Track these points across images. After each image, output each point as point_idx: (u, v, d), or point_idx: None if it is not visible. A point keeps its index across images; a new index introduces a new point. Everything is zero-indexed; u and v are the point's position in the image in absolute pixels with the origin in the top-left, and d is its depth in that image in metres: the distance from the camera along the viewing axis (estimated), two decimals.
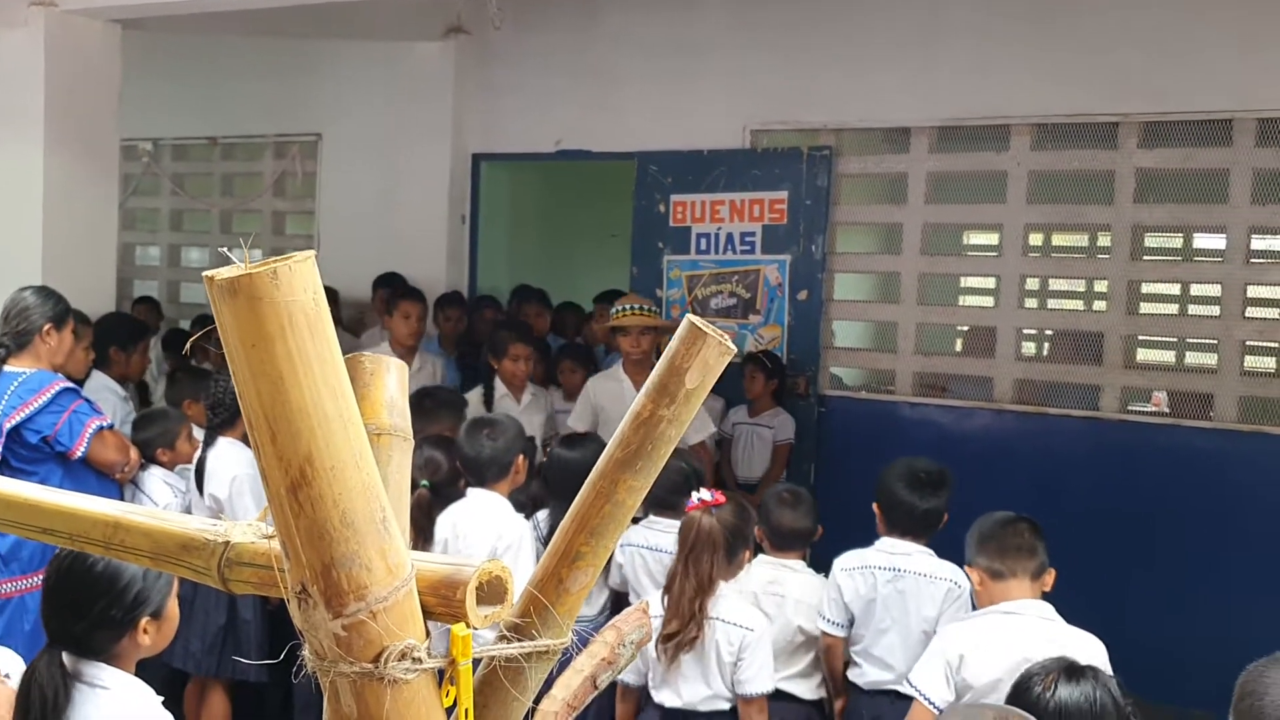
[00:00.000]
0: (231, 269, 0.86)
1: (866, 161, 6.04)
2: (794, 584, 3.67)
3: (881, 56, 5.84)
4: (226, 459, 4.15)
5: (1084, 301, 7.64)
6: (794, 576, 3.69)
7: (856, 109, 5.92)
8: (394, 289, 6.29)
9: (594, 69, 6.57)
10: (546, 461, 3.92)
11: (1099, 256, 6.59)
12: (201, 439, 4.35)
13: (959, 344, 6.35)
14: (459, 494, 3.81)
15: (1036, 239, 6.66)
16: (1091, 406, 5.50)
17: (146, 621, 2.16)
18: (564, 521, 1.07)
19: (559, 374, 5.94)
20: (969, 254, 7.45)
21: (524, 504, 3.90)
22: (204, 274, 0.88)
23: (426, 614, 0.97)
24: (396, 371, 1.17)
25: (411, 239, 7.04)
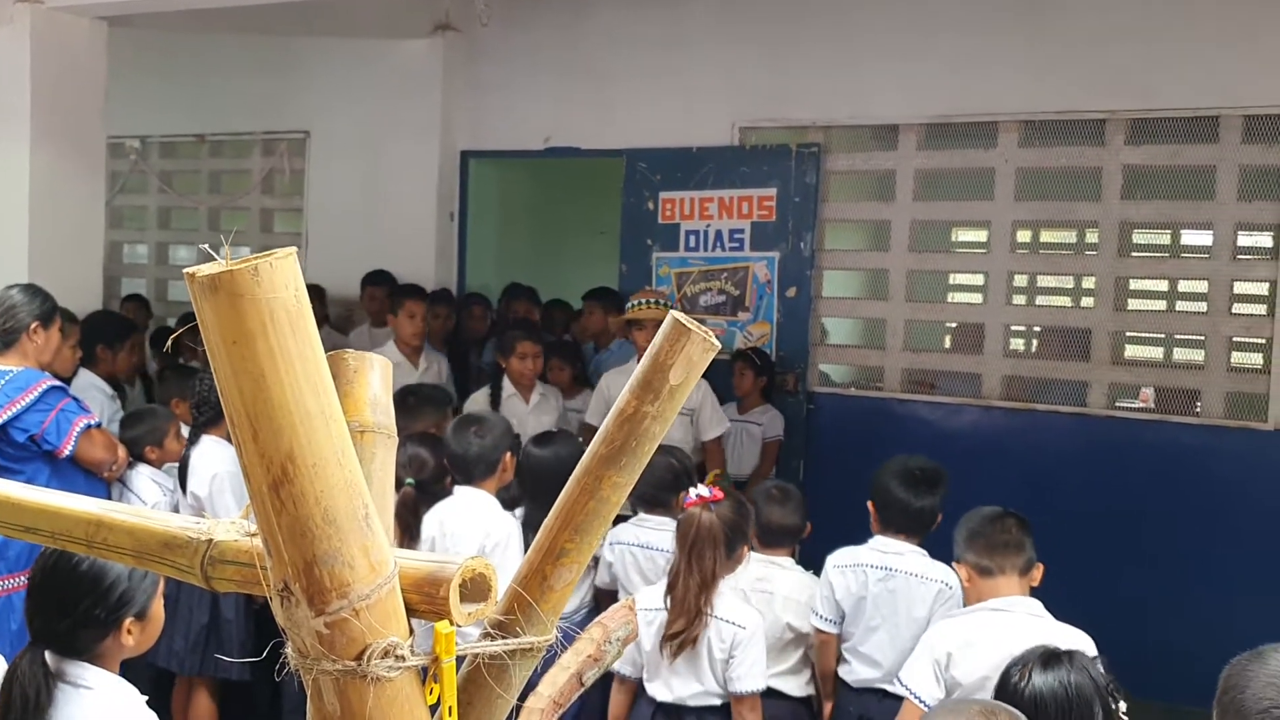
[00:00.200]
0: (212, 265, 0.86)
1: (855, 159, 6.04)
2: (783, 581, 3.67)
3: (870, 54, 5.85)
4: (209, 457, 4.14)
5: (1072, 298, 7.65)
6: (783, 574, 3.69)
7: (845, 106, 5.93)
8: (398, 288, 6.21)
9: (583, 66, 6.57)
10: (520, 460, 3.90)
11: (1087, 253, 6.60)
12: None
13: (947, 340, 6.36)
14: (445, 492, 3.80)
15: (1024, 236, 6.68)
16: (1079, 403, 5.51)
17: (131, 622, 2.15)
18: (548, 518, 1.07)
19: (548, 372, 5.92)
20: (957, 251, 7.46)
21: (508, 502, 3.89)
22: (185, 270, 0.88)
23: (410, 611, 0.97)
24: (380, 369, 1.17)
25: (400, 236, 7.03)
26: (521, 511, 3.85)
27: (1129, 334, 5.90)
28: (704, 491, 3.32)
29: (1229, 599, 4.89)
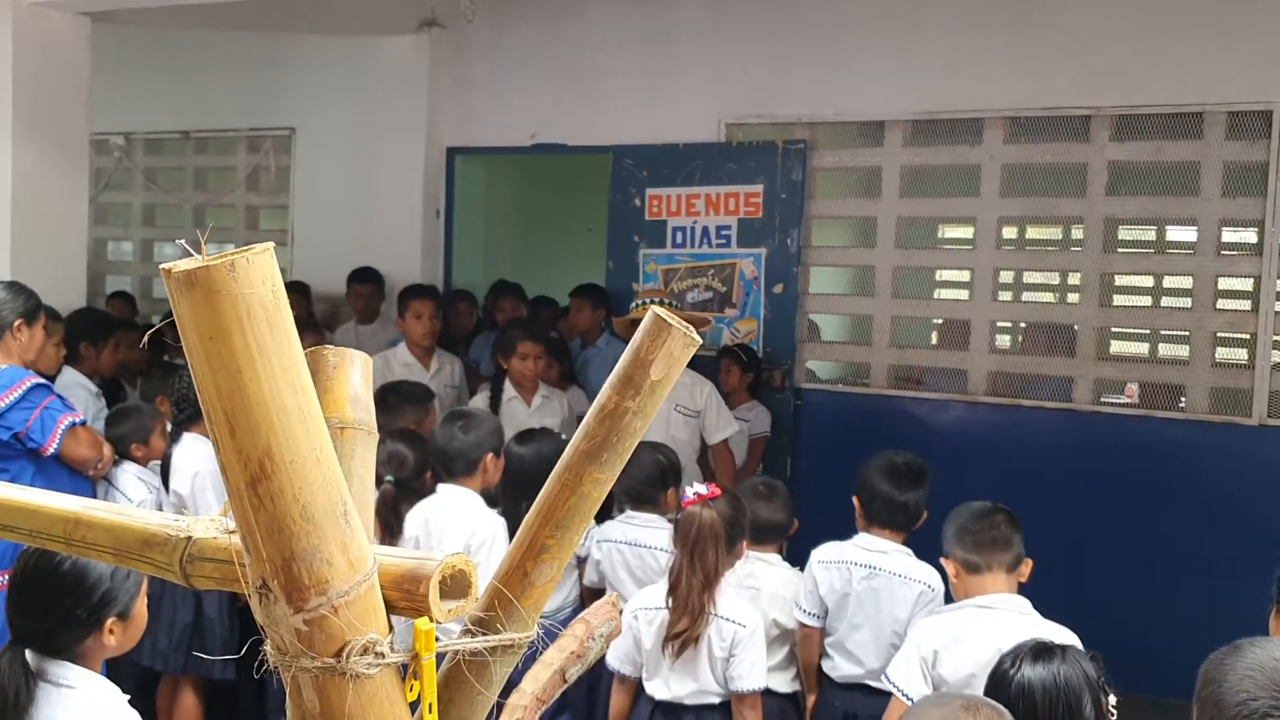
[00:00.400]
0: (189, 261, 0.85)
1: (841, 155, 6.05)
2: (769, 577, 3.67)
3: (856, 51, 5.85)
4: (190, 455, 4.12)
5: (1057, 294, 7.67)
6: (769, 570, 3.69)
7: (831, 103, 5.93)
8: (404, 290, 6.12)
9: (569, 62, 6.56)
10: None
11: (1072, 249, 6.62)
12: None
13: (934, 337, 6.37)
14: (425, 489, 3.78)
15: (1010, 232, 6.69)
16: (1065, 398, 5.53)
17: (113, 622, 2.14)
18: (529, 515, 1.07)
19: None
20: (943, 247, 7.47)
21: (488, 500, 3.87)
22: (161, 267, 0.87)
23: (390, 608, 0.96)
24: (360, 365, 1.16)
25: (386, 233, 7.01)
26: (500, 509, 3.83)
27: (1114, 330, 5.92)
28: (701, 489, 3.32)
29: (1214, 593, 4.91)
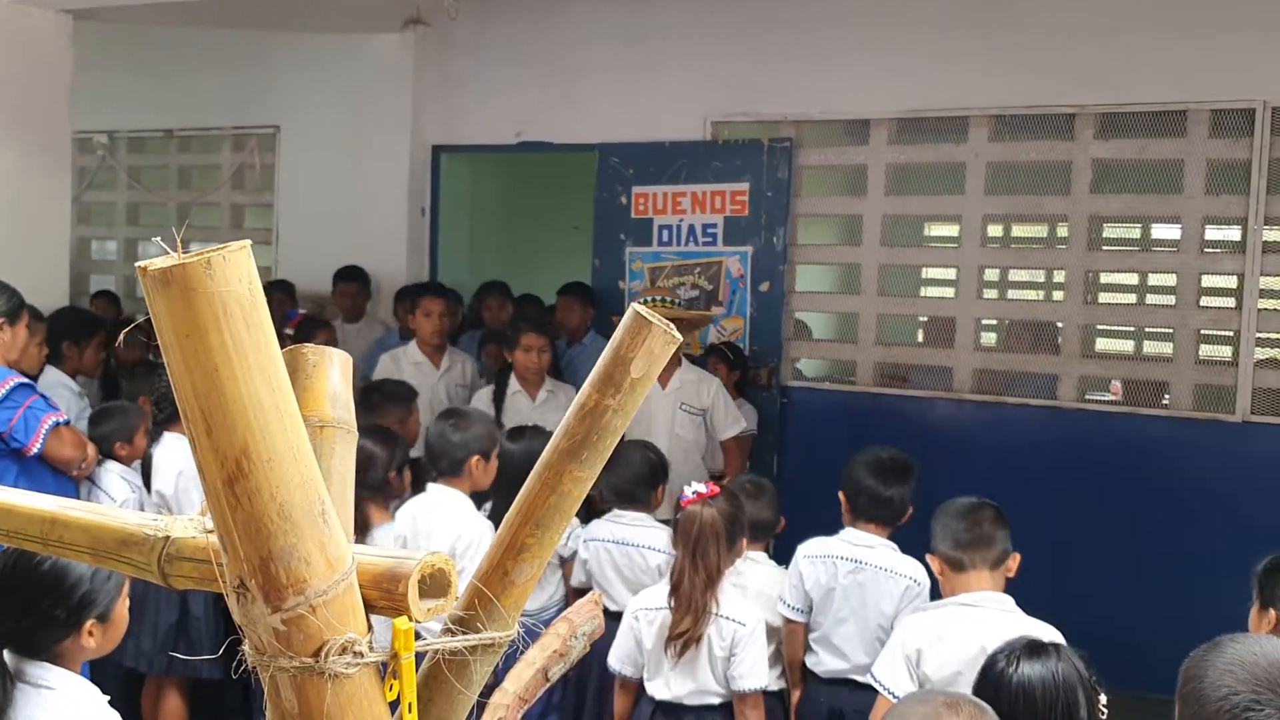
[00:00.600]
0: (165, 259, 0.85)
1: (827, 153, 6.05)
2: (756, 575, 3.67)
3: (841, 49, 5.86)
4: (173, 454, 4.09)
5: (1042, 292, 7.70)
6: (756, 568, 3.70)
7: (816, 101, 5.94)
8: (413, 288, 6.13)
9: (554, 60, 6.55)
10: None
11: (1057, 247, 6.64)
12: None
13: (919, 335, 6.39)
14: (392, 489, 3.78)
15: (995, 230, 6.70)
16: (1049, 396, 5.54)
17: (92, 624, 2.13)
18: (509, 513, 1.07)
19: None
20: (929, 245, 7.48)
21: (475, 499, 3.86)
22: (137, 265, 0.87)
23: (369, 608, 0.96)
24: (340, 364, 1.16)
25: (371, 232, 6.99)
26: (489, 507, 3.82)
27: (1099, 327, 5.94)
28: (700, 488, 3.32)
29: (1197, 589, 4.92)
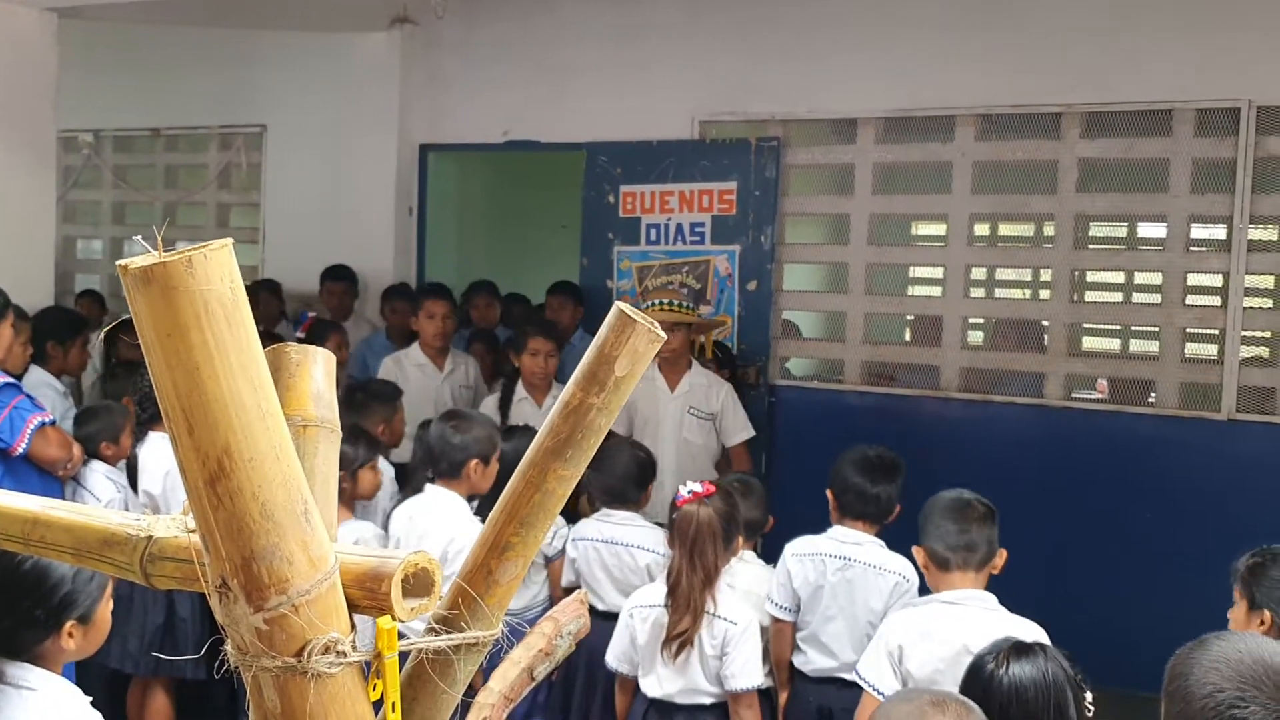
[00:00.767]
0: (145, 257, 0.84)
1: (814, 152, 6.06)
2: (744, 575, 3.67)
3: (828, 48, 5.86)
4: (160, 454, 4.08)
5: (1029, 290, 7.72)
6: (744, 567, 3.69)
7: (804, 100, 5.94)
8: (416, 290, 6.08)
9: (542, 59, 6.54)
10: None
11: (1043, 246, 6.65)
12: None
13: (906, 333, 6.40)
14: (360, 493, 3.78)
15: (982, 229, 6.72)
16: (1036, 394, 5.56)
17: (72, 625, 2.11)
18: (493, 512, 1.06)
19: (504, 365, 5.87)
20: (916, 244, 7.49)
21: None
22: (118, 263, 0.86)
23: (352, 607, 0.96)
24: (323, 362, 1.15)
25: (358, 231, 6.97)
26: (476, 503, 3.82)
27: (1085, 325, 5.96)
28: (696, 487, 3.32)
29: (1184, 586, 4.93)
